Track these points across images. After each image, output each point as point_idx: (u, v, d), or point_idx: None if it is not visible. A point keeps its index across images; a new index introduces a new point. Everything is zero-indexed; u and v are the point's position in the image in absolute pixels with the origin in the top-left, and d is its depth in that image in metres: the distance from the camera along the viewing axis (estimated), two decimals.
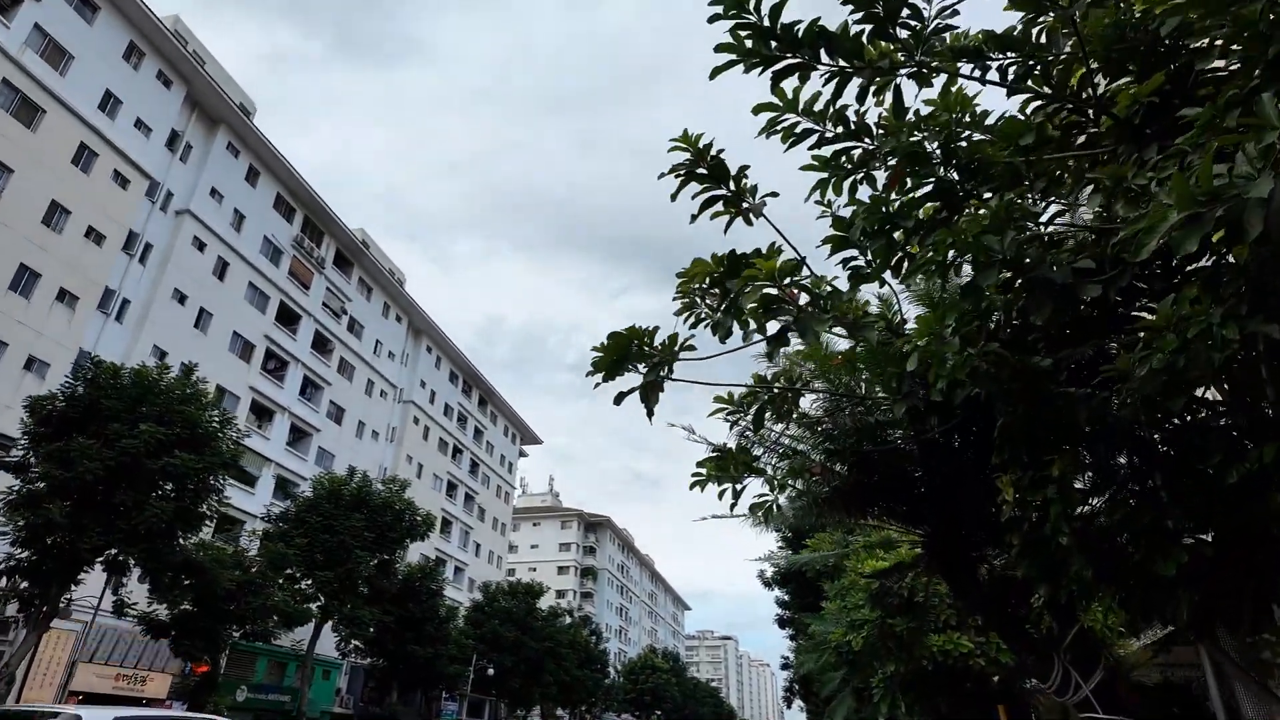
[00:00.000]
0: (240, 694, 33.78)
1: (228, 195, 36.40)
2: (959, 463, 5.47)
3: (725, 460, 4.64)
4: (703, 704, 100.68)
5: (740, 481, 4.59)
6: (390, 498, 33.39)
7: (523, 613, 48.19)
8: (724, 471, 4.56)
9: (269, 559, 26.50)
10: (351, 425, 45.31)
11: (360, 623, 31.48)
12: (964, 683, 9.28)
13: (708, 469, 4.63)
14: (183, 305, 33.24)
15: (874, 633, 8.30)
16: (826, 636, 9.94)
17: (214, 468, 21.36)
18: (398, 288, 51.30)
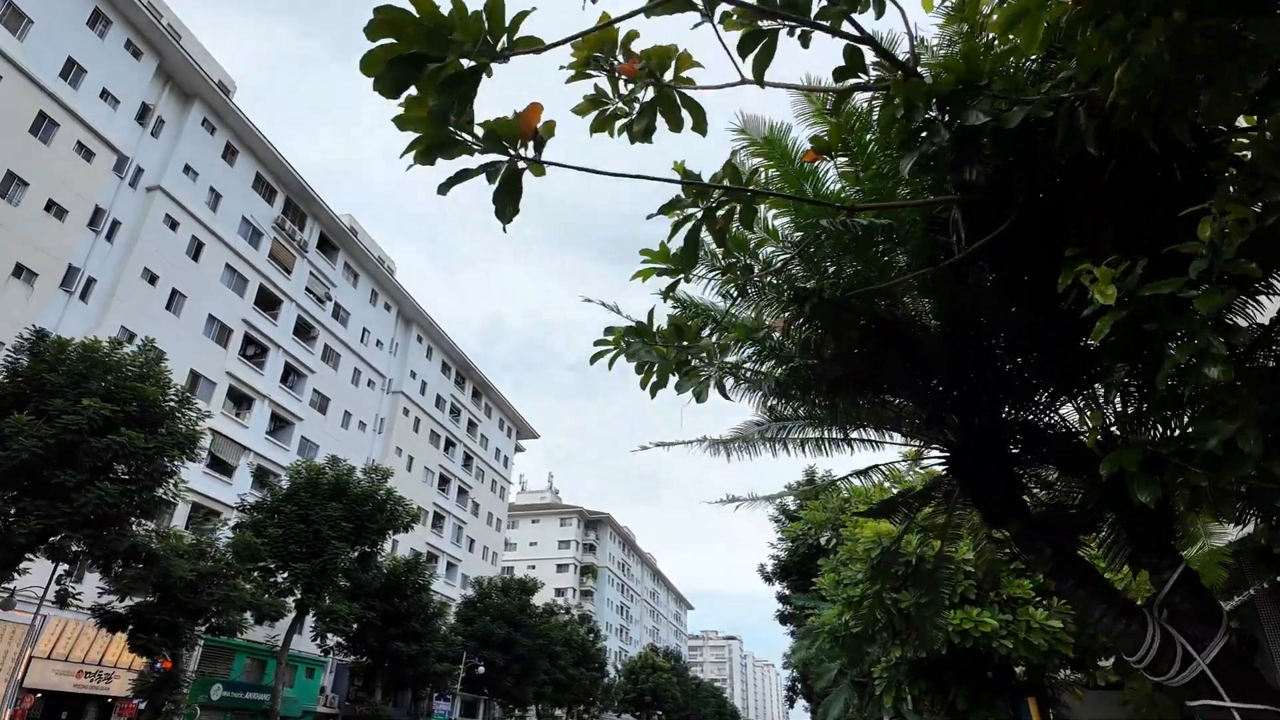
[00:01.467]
0: (215, 692, 32.32)
1: (203, 173, 34.95)
2: (997, 300, 3.77)
3: (642, 329, 3.09)
4: (705, 704, 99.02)
5: (668, 353, 3.03)
6: (372, 487, 31.90)
7: (515, 609, 46.64)
8: (640, 340, 3.01)
9: (234, 548, 24.97)
10: (337, 415, 43.84)
11: (339, 617, 29.96)
12: (985, 670, 7.72)
13: (615, 337, 3.07)
14: (153, 285, 31.78)
15: (872, 608, 6.75)
16: (818, 617, 8.36)
17: (166, 448, 19.82)
18: (386, 275, 49.83)
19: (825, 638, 8.61)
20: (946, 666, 7.79)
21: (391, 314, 51.12)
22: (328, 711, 39.93)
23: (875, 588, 6.84)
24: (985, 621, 6.84)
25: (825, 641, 8.59)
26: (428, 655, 36.94)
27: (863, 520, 8.27)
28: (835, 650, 8.92)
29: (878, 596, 6.80)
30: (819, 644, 8.72)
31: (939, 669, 7.85)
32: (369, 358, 47.53)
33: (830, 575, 8.18)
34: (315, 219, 43.16)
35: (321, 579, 29.21)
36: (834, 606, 8.03)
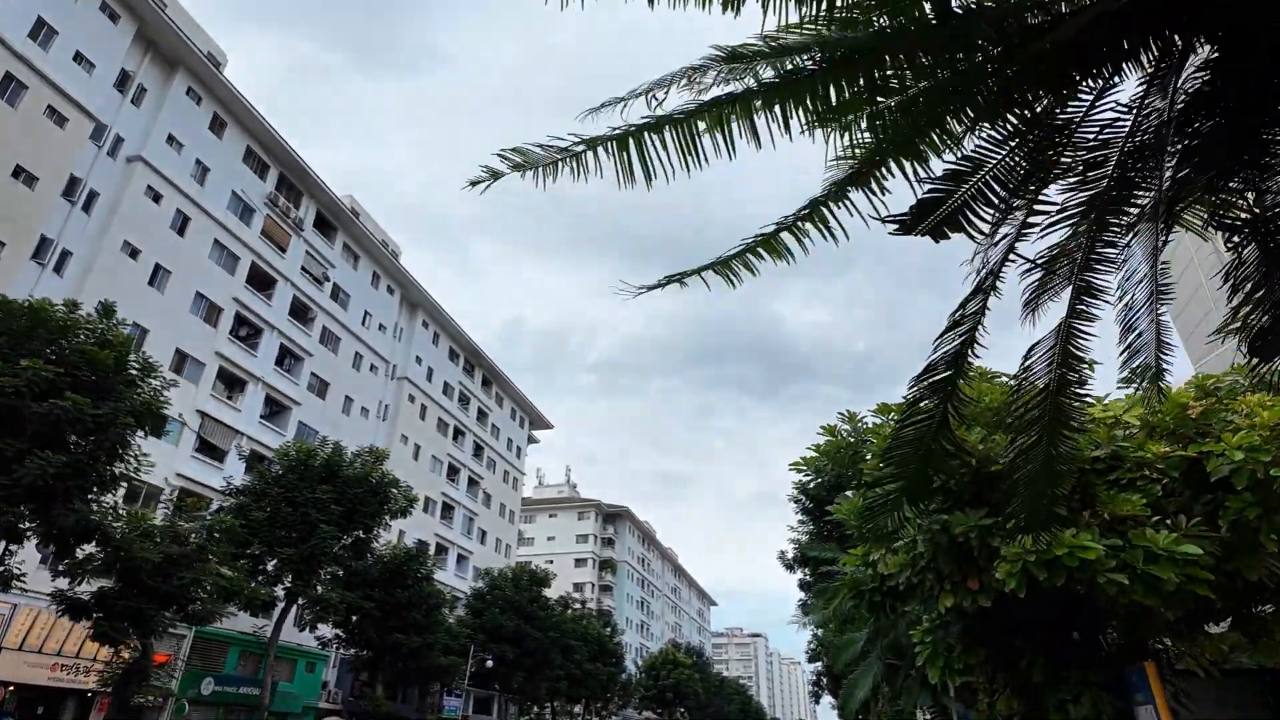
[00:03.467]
0: (206, 686, 30.81)
1: (188, 145, 33.42)
2: None
3: None
4: (730, 701, 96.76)
5: None
6: (367, 470, 30.14)
7: (526, 601, 44.75)
8: None
9: (209, 531, 23.24)
10: (337, 400, 42.23)
11: (329, 606, 28.20)
12: (1067, 628, 5.51)
13: None
14: (135, 260, 30.27)
15: (912, 538, 4.63)
16: (846, 560, 6.11)
17: (118, 416, 18.05)
18: (390, 258, 48.18)
19: (847, 592, 6.44)
20: (1016, 625, 5.61)
21: (395, 298, 49.47)
22: (330, 707, 38.32)
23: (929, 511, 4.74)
24: (1087, 547, 4.67)
25: (847, 598, 6.42)
26: (431, 648, 35.14)
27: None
28: (859, 611, 6.75)
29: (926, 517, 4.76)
30: (838, 602, 6.54)
31: (1005, 628, 5.68)
32: (371, 342, 45.91)
33: (856, 498, 6.00)
34: (312, 197, 41.57)
35: (310, 565, 27.50)
36: (857, 548, 5.87)
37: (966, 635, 5.73)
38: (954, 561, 5.03)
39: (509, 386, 64.81)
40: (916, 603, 6.45)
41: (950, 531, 4.88)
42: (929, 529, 4.88)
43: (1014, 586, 4.51)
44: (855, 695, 10.58)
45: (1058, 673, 5.41)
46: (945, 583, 5.06)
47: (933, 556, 5.03)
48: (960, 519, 4.83)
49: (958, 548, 4.94)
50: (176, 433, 31.49)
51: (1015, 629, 5.68)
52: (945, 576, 5.11)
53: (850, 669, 11.75)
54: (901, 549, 5.14)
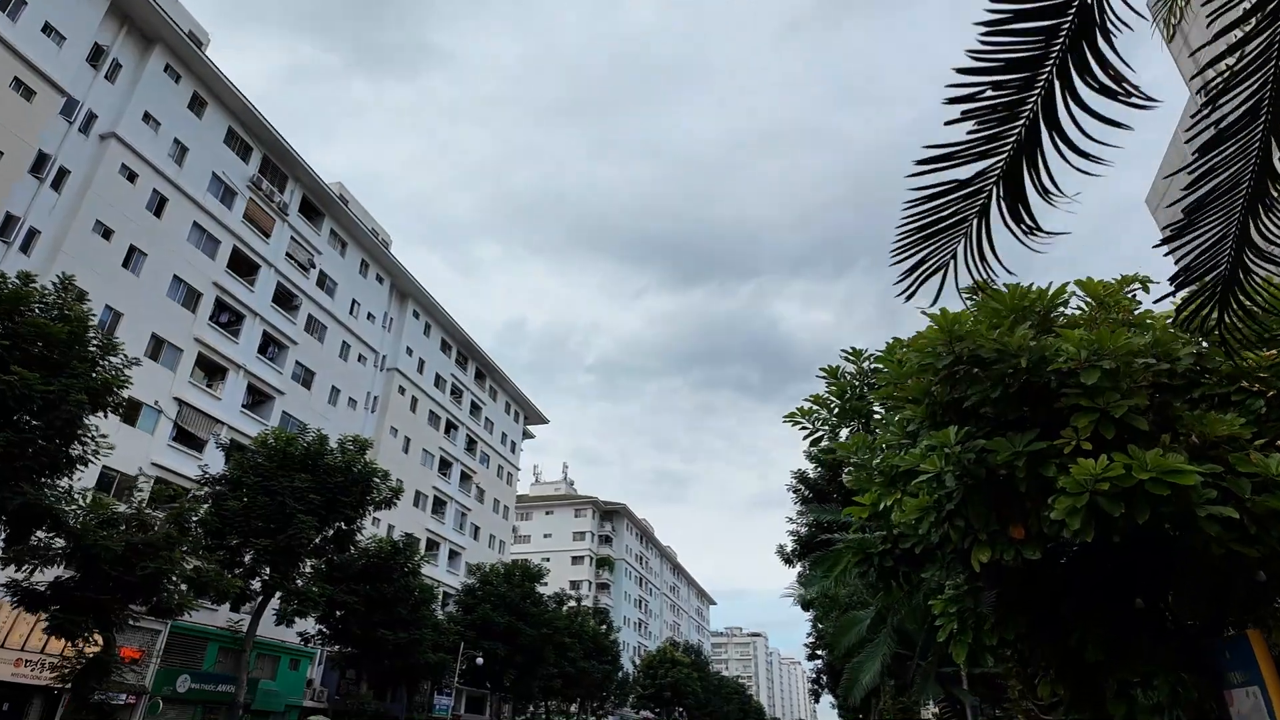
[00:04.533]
0: (182, 684, 29.65)
1: (166, 123, 32.27)
2: None
3: None
4: (728, 700, 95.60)
5: None
6: (349, 459, 29.01)
7: (518, 597, 43.58)
8: None
9: (175, 519, 22.09)
10: (323, 390, 41.07)
11: (307, 599, 27.05)
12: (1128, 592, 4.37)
13: None
14: (107, 240, 29.12)
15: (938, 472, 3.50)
16: (854, 510, 4.92)
17: (70, 394, 16.89)
18: (379, 247, 47.01)
19: (852, 557, 5.30)
20: (1064, 589, 4.46)
21: (384, 287, 48.30)
22: (315, 705, 37.12)
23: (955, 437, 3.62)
24: (1181, 470, 3.20)
25: (852, 564, 5.27)
26: (418, 645, 33.98)
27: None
28: (866, 580, 5.61)
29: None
30: (841, 569, 5.39)
31: (1051, 593, 4.53)
32: (359, 331, 44.75)
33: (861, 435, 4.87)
34: (297, 181, 40.42)
35: (288, 557, 26.36)
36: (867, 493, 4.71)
37: (1003, 602, 4.59)
38: (991, 504, 3.91)
39: (503, 380, 63.65)
40: (937, 568, 5.31)
41: (989, 463, 3.75)
42: (961, 459, 3.76)
43: (1076, 528, 3.38)
44: (860, 681, 9.39)
45: (1119, 649, 4.28)
46: (980, 532, 3.93)
47: (963, 499, 3.91)
48: (1003, 444, 3.69)
49: (998, 485, 3.82)
50: (153, 421, 30.39)
51: (1061, 594, 4.56)
52: (978, 525, 3.99)
53: (853, 654, 10.56)
54: (924, 489, 4.01)
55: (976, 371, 3.90)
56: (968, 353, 3.88)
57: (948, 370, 3.99)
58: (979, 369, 3.92)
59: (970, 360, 3.91)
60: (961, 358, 3.92)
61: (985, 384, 3.86)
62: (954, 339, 3.93)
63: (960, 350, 3.89)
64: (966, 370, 3.97)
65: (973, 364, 3.92)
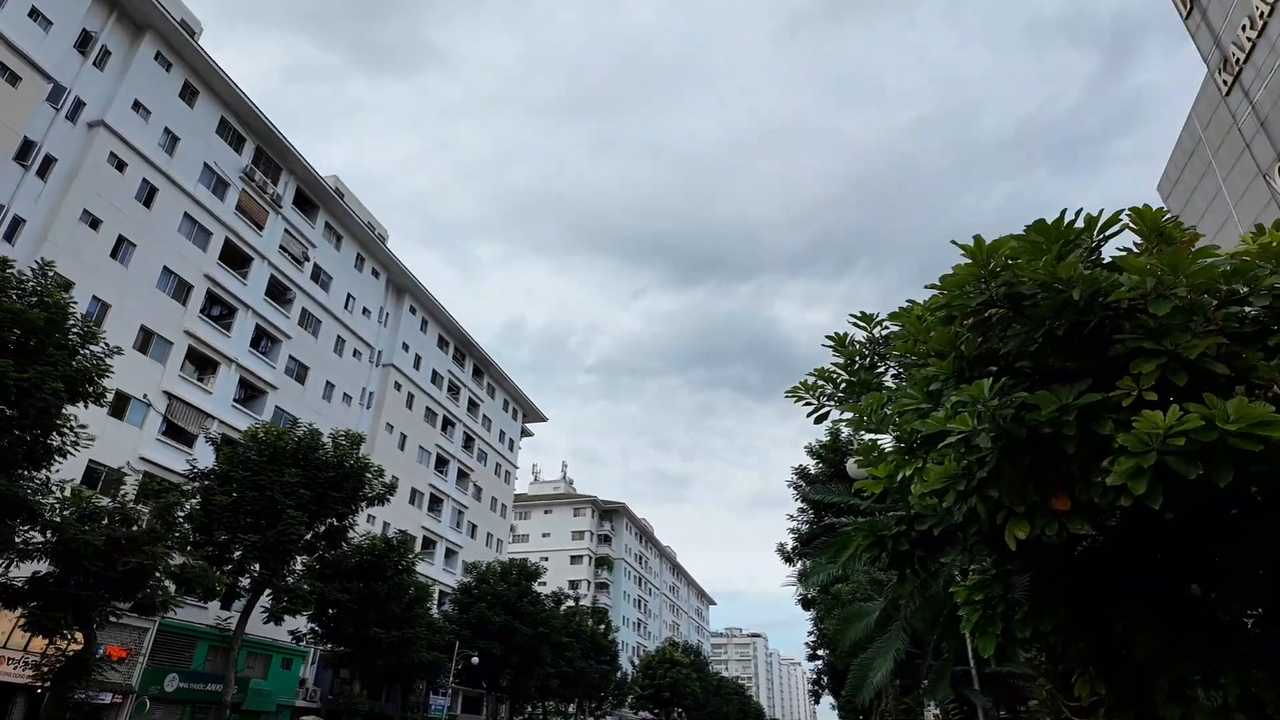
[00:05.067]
0: (170, 682, 29.06)
1: (156, 112, 31.70)
2: None
3: None
4: (728, 701, 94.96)
5: None
6: (342, 453, 28.41)
7: (514, 596, 42.98)
8: None
9: (158, 513, 21.51)
10: (318, 385, 40.49)
11: (297, 596, 26.45)
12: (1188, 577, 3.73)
13: None
14: (95, 230, 28.55)
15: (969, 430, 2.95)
16: (869, 474, 4.30)
17: (46, 382, 16.31)
18: (375, 240, 46.43)
19: (861, 541, 4.71)
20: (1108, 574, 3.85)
21: (380, 281, 47.72)
22: (308, 705, 36.55)
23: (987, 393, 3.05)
24: (1270, 420, 2.65)
25: (862, 547, 4.68)
26: (412, 644, 33.38)
27: None
28: (878, 567, 5.02)
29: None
30: (851, 553, 4.81)
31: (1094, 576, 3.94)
32: (354, 326, 44.16)
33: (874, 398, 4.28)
34: (291, 173, 39.85)
35: (277, 554, 25.77)
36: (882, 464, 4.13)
37: (1039, 589, 4.00)
38: (1030, 471, 3.32)
39: (501, 377, 63.05)
40: (958, 551, 4.71)
41: (1030, 421, 3.15)
42: (997, 417, 3.16)
43: (1141, 493, 2.80)
44: (869, 680, 8.70)
45: (1173, 643, 3.69)
46: (1017, 505, 3.34)
47: (998, 464, 3.32)
48: (1048, 398, 3.09)
49: (1040, 447, 3.23)
50: (141, 414, 29.83)
51: (1106, 579, 3.96)
52: (1014, 497, 3.39)
53: (857, 651, 9.87)
54: (951, 454, 3.42)
55: (1013, 315, 3.30)
56: (1005, 291, 3.29)
57: (979, 313, 3.40)
58: (1017, 311, 3.33)
59: (1008, 299, 3.32)
60: (996, 298, 3.32)
61: (1026, 327, 3.26)
62: (989, 274, 3.33)
63: (995, 289, 3.30)
64: (1002, 314, 3.38)
65: (1011, 303, 3.33)
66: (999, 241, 3.33)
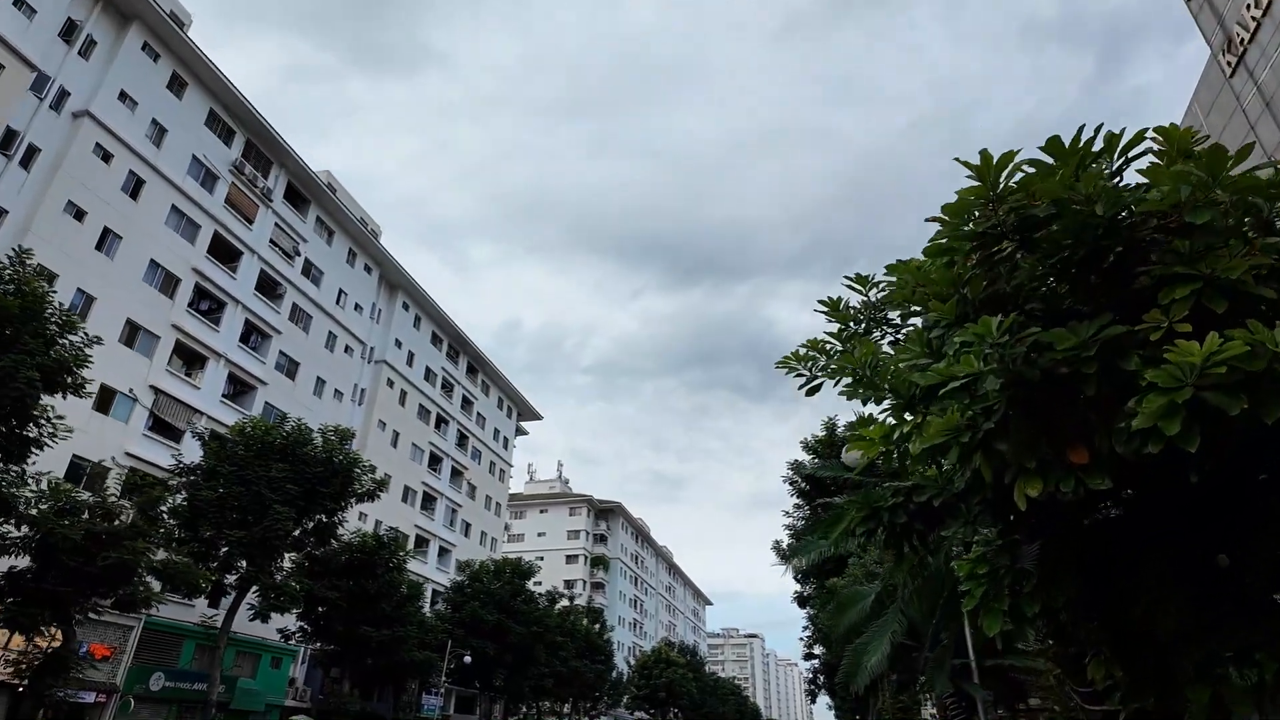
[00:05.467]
0: (156, 681, 28.62)
1: (144, 103, 31.24)
2: None
3: None
4: (724, 701, 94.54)
5: None
6: (331, 449, 27.97)
7: (507, 594, 42.54)
8: None
9: (141, 507, 21.07)
10: (308, 381, 40.03)
11: (284, 594, 26.00)
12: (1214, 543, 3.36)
13: None
14: (80, 222, 28.09)
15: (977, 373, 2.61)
16: (862, 436, 3.95)
17: (20, 371, 15.87)
18: (367, 236, 45.99)
19: (856, 515, 4.34)
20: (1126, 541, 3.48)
21: (373, 277, 47.26)
22: (298, 705, 36.07)
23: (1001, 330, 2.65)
24: None
25: (856, 520, 4.31)
26: (402, 642, 32.92)
27: None
28: (874, 545, 4.65)
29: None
30: (844, 528, 4.44)
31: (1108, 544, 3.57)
32: (346, 322, 43.70)
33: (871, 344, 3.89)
34: (282, 166, 39.40)
35: (263, 550, 25.31)
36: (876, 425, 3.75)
37: (1049, 558, 3.62)
38: (1043, 420, 2.95)
39: (496, 375, 62.61)
40: (961, 523, 4.33)
41: (1042, 364, 2.77)
42: (1007, 357, 2.78)
43: (1174, 433, 2.42)
44: (864, 665, 8.26)
45: (1200, 618, 3.32)
46: (1028, 459, 2.98)
47: (1007, 414, 2.94)
48: (1063, 335, 2.72)
49: (1054, 392, 2.85)
50: (127, 409, 29.36)
51: (1123, 549, 3.59)
52: (1024, 452, 3.03)
53: (853, 637, 9.49)
54: (954, 404, 3.04)
55: (1024, 248, 2.93)
56: (1016, 217, 2.90)
57: (986, 247, 3.01)
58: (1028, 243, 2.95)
59: (1019, 227, 2.94)
60: (1006, 227, 2.93)
61: (1038, 253, 2.87)
62: (998, 197, 2.94)
63: (1005, 215, 2.91)
64: (1012, 249, 3.00)
65: (1022, 231, 2.95)
66: (1009, 155, 2.94)
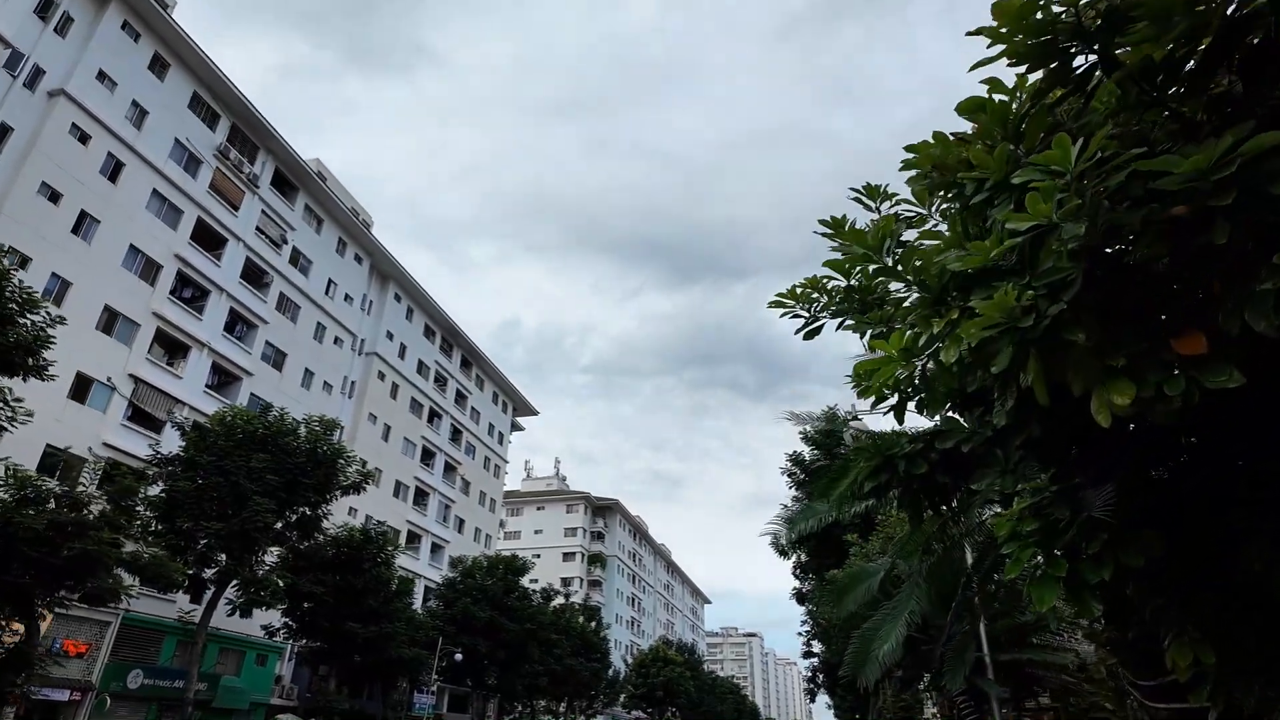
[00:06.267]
0: (134, 679, 27.72)
1: (123, 83, 30.30)
2: None
3: None
4: (722, 700, 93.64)
5: None
6: (315, 439, 27.11)
7: (500, 591, 41.64)
8: None
9: (111, 497, 20.17)
10: (296, 372, 39.11)
11: (266, 587, 25.10)
12: None
13: None
14: (55, 204, 27.16)
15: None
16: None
17: None
18: (358, 225, 45.05)
19: (864, 466, 3.46)
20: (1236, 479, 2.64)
21: (364, 267, 46.32)
22: (284, 703, 35.19)
23: None
24: None
25: (864, 474, 3.43)
26: (390, 639, 32.02)
27: None
28: (882, 515, 3.67)
29: None
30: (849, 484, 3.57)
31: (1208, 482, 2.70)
32: (336, 313, 42.76)
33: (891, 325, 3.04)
34: (269, 153, 38.46)
35: (243, 543, 24.43)
36: (894, 333, 2.92)
37: (1126, 504, 2.74)
38: (1137, 295, 2.07)
39: (491, 369, 61.68)
40: (997, 473, 3.45)
41: (1139, 210, 1.89)
42: (1092, 196, 1.91)
43: None
44: (874, 653, 7.19)
45: None
46: (1116, 354, 2.11)
47: (1086, 285, 2.06)
48: (1173, 160, 1.85)
49: (1157, 245, 1.98)
50: (105, 398, 28.45)
51: (1227, 492, 2.72)
52: (1111, 341, 2.16)
53: (860, 623, 8.47)
54: (1005, 285, 2.16)
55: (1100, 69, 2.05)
56: (1103, 8, 2.01)
57: (1053, 59, 2.10)
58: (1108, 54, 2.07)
59: (1105, 24, 2.03)
60: (1084, 30, 2.03)
61: (1125, 71, 2.00)
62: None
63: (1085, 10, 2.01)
64: (1087, 69, 2.12)
65: (1109, 30, 2.05)
66: None
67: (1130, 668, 3.82)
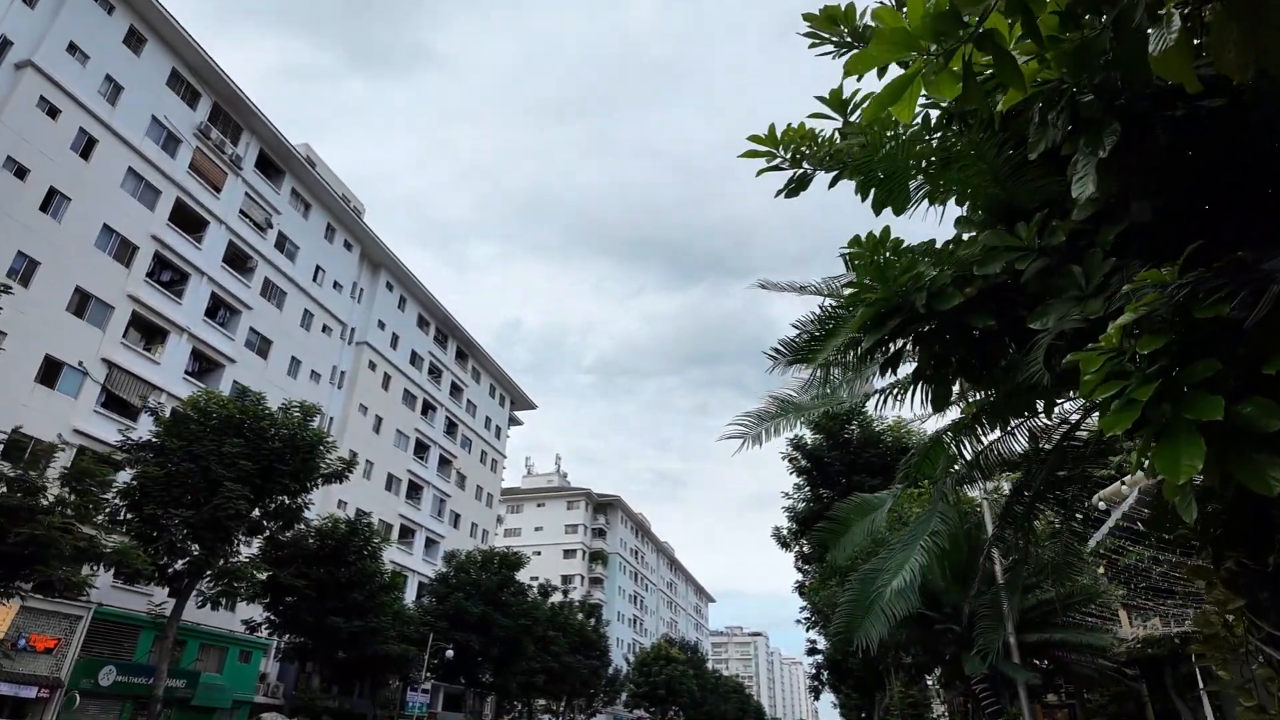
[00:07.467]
0: (106, 676, 26.54)
1: (96, 57, 29.17)
2: None
3: None
4: (726, 699, 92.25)
5: None
6: (294, 424, 25.94)
7: (493, 585, 40.41)
8: None
9: (67, 481, 19.00)
10: (282, 360, 37.94)
11: (240, 578, 23.90)
12: None
13: None
14: (21, 180, 26.03)
15: None
16: None
17: None
18: (348, 212, 43.87)
19: (867, 310, 2.22)
20: None
21: (353, 254, 45.14)
22: (269, 701, 34.02)
23: None
24: None
25: (868, 316, 2.20)
26: (376, 634, 30.82)
27: None
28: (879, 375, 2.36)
29: None
30: (842, 342, 2.32)
31: None
32: (324, 300, 41.59)
33: None
34: (253, 133, 37.31)
35: (214, 531, 23.24)
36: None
37: None
38: None
39: (487, 361, 60.48)
40: (1073, 300, 2.20)
41: None
42: None
43: None
44: (875, 594, 5.39)
45: None
46: None
47: None
48: None
49: None
50: (76, 383, 27.31)
51: None
52: None
53: (848, 580, 7.02)
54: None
55: None
56: None
57: None
58: None
59: None
60: None
61: None
62: None
63: None
64: None
65: None
66: None
67: (1266, 615, 2.59)
